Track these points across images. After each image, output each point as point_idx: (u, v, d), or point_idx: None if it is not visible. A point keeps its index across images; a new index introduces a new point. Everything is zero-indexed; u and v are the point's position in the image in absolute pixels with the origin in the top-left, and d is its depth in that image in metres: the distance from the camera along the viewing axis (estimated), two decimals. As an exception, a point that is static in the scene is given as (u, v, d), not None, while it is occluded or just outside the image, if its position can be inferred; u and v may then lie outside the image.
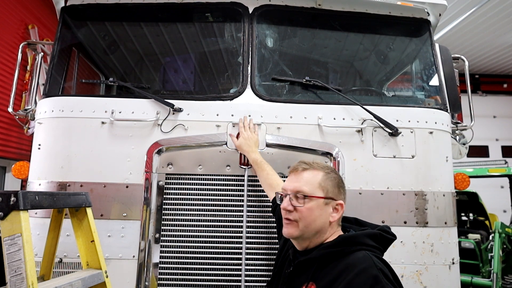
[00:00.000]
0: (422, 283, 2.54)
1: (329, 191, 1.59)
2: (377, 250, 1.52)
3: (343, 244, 1.50)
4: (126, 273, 2.45)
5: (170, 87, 3.65)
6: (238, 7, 2.90)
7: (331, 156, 2.61)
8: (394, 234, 1.62)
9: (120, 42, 3.39)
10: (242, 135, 2.51)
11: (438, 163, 2.74)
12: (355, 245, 1.49)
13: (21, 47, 3.16)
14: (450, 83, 3.06)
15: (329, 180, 1.60)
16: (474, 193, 6.80)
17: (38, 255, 2.25)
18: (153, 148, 2.57)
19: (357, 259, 1.43)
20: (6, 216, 1.57)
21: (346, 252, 1.47)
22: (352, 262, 1.41)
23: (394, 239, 1.61)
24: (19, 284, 1.52)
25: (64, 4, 2.99)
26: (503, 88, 12.92)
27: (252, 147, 2.46)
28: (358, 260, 1.42)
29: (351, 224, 1.70)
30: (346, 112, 2.72)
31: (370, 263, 1.39)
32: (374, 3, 2.99)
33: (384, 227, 1.63)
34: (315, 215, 1.55)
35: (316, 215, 1.55)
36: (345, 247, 1.49)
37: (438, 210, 2.65)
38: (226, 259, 2.47)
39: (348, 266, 1.40)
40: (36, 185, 2.59)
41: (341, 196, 1.63)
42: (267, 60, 2.95)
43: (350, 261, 1.42)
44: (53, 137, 2.65)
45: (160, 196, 2.52)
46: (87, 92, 3.65)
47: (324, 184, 1.59)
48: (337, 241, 1.52)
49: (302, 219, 1.56)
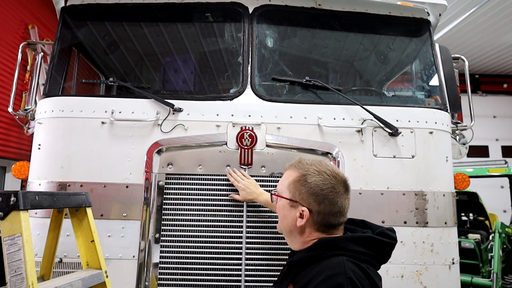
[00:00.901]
0: (422, 283, 2.54)
1: (297, 194, 1.51)
2: (363, 256, 1.41)
3: (321, 248, 1.44)
4: (126, 273, 2.45)
5: (170, 87, 3.65)
6: (238, 7, 2.90)
7: (331, 156, 2.61)
8: (394, 237, 1.51)
9: (120, 42, 3.39)
10: (239, 188, 2.45)
11: (438, 163, 2.74)
12: (333, 249, 1.41)
13: (21, 47, 3.16)
14: (450, 83, 3.06)
15: (301, 184, 1.51)
16: (474, 193, 6.80)
17: (38, 255, 2.25)
18: (153, 148, 2.57)
19: (329, 264, 1.36)
20: (6, 216, 1.58)
21: (323, 256, 1.41)
22: (323, 268, 1.35)
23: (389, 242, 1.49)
24: (19, 284, 1.52)
25: (64, 4, 2.99)
26: (503, 88, 12.92)
27: (256, 192, 2.42)
28: (329, 266, 1.35)
29: (356, 226, 1.62)
30: (346, 112, 2.72)
31: (339, 270, 1.31)
32: (374, 3, 2.99)
33: (385, 229, 1.54)
34: (282, 214, 1.58)
35: (284, 214, 1.57)
36: (323, 251, 1.42)
37: (438, 210, 2.65)
38: (226, 259, 2.47)
39: (319, 272, 1.34)
40: (36, 185, 2.59)
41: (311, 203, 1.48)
42: (267, 60, 2.95)
43: (322, 267, 1.36)
44: (53, 137, 2.65)
45: (160, 196, 2.52)
46: (87, 92, 3.65)
47: (293, 186, 1.53)
48: (316, 244, 1.46)
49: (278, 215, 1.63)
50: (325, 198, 1.47)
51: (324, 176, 1.50)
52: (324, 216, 1.48)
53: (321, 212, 1.48)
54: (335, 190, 1.49)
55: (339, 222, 1.51)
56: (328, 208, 1.47)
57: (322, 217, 1.48)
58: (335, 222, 1.50)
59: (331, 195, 1.48)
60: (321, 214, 1.48)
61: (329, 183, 1.49)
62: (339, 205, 1.49)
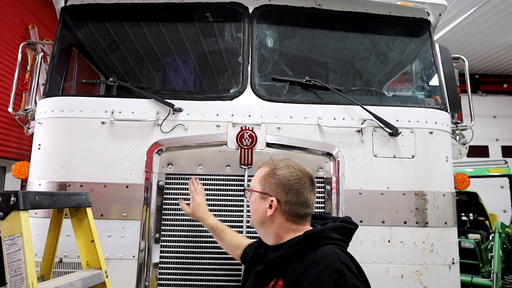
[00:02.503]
0: (422, 283, 2.54)
1: (266, 186, 1.67)
2: (342, 242, 1.59)
3: (308, 240, 1.55)
4: (126, 273, 2.45)
5: (170, 87, 3.65)
6: (238, 7, 2.90)
7: (331, 156, 2.61)
8: (356, 224, 1.71)
9: (120, 42, 3.39)
10: (194, 201, 2.32)
11: (438, 163, 2.74)
12: (320, 240, 1.55)
13: (21, 47, 3.16)
14: (450, 83, 3.06)
15: (270, 177, 1.67)
16: (474, 193, 6.80)
17: (38, 255, 2.25)
18: (153, 148, 2.57)
19: (322, 254, 1.49)
20: (6, 216, 1.57)
21: (312, 248, 1.52)
22: (318, 258, 1.47)
23: (355, 228, 1.70)
24: (19, 284, 1.52)
25: (64, 4, 2.99)
26: (503, 88, 12.92)
27: (206, 212, 2.32)
28: (324, 255, 1.48)
29: (315, 220, 1.76)
30: (346, 112, 2.72)
31: (335, 257, 1.45)
32: (374, 3, 2.99)
33: (346, 218, 1.73)
34: (254, 207, 1.72)
35: (255, 207, 1.71)
36: (311, 243, 1.54)
37: (438, 210, 2.65)
38: (226, 259, 2.47)
39: (314, 262, 1.46)
40: (36, 185, 2.59)
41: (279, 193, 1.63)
42: (267, 60, 2.95)
43: (315, 257, 1.48)
44: (53, 137, 2.65)
45: (160, 196, 2.52)
46: (87, 92, 3.65)
47: (264, 180, 1.69)
48: (303, 237, 1.57)
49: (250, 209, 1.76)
50: (291, 189, 1.63)
51: (291, 169, 1.67)
52: (291, 206, 1.62)
53: (288, 202, 1.63)
54: (301, 182, 1.64)
55: (305, 212, 1.66)
56: (294, 198, 1.63)
57: (290, 207, 1.62)
58: (302, 212, 1.64)
59: (297, 186, 1.63)
60: (288, 203, 1.62)
61: (295, 175, 1.65)
62: (305, 196, 1.64)
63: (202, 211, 2.31)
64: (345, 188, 2.59)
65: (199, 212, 2.30)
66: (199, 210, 2.31)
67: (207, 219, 2.29)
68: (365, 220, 2.57)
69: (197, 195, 2.35)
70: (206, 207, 2.35)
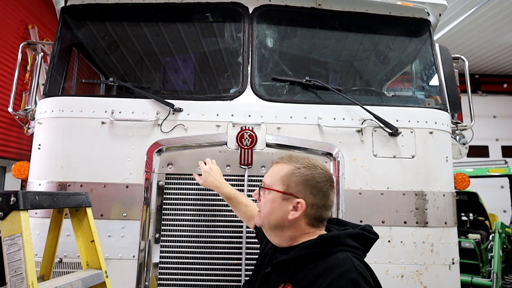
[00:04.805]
0: (422, 283, 2.54)
1: (291, 186, 1.51)
2: (359, 251, 1.46)
3: (323, 244, 1.43)
4: (126, 273, 2.45)
5: (170, 87, 3.65)
6: (238, 7, 2.90)
7: (331, 156, 2.61)
8: (376, 233, 1.57)
9: (120, 42, 3.39)
10: (204, 170, 2.33)
11: (438, 163, 2.74)
12: (335, 245, 1.42)
13: (21, 47, 3.16)
14: (450, 83, 3.06)
15: (294, 176, 1.52)
16: (474, 193, 6.80)
17: (38, 255, 2.25)
18: (153, 148, 2.57)
19: (337, 261, 1.36)
20: (6, 216, 1.57)
21: (326, 253, 1.40)
22: (332, 265, 1.35)
23: (376, 239, 1.56)
24: (19, 284, 1.52)
25: (64, 4, 2.99)
26: (503, 88, 12.92)
27: (220, 180, 2.28)
28: (338, 262, 1.35)
29: (332, 224, 1.64)
30: (346, 112, 2.72)
31: (350, 266, 1.33)
32: (374, 3, 2.99)
33: (366, 226, 1.59)
34: (271, 208, 1.55)
35: (272, 208, 1.54)
36: (325, 248, 1.41)
37: (438, 210, 2.65)
38: (226, 259, 2.47)
39: (328, 268, 1.34)
40: (36, 185, 2.59)
41: (307, 195, 1.49)
42: (267, 60, 2.95)
43: (329, 263, 1.36)
44: (53, 137, 2.65)
45: (160, 196, 2.52)
46: (87, 92, 3.65)
47: (287, 179, 1.53)
48: (317, 241, 1.45)
49: (262, 209, 1.59)
50: (320, 191, 1.50)
51: (318, 170, 1.54)
52: (317, 209, 1.50)
53: (315, 205, 1.50)
54: (329, 184, 1.54)
55: (327, 216, 1.55)
56: (322, 201, 1.50)
57: (316, 210, 1.50)
58: (325, 215, 1.53)
59: (325, 188, 1.52)
60: (315, 206, 1.50)
61: (324, 176, 1.53)
62: (331, 199, 1.54)
63: (212, 182, 2.27)
64: (345, 188, 2.59)
65: (212, 182, 2.27)
66: (211, 180, 2.28)
67: (221, 188, 2.24)
68: (365, 220, 2.56)
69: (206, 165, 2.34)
70: (220, 175, 2.31)
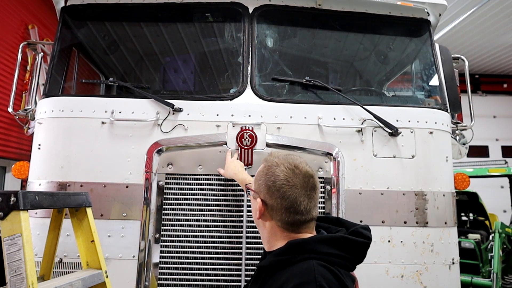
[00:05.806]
0: (422, 283, 2.54)
1: (257, 185, 1.48)
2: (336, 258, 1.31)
3: (290, 251, 1.32)
4: (126, 273, 2.45)
5: (170, 87, 3.65)
6: (238, 7, 2.90)
7: (331, 156, 2.61)
8: (368, 237, 1.41)
9: (120, 42, 3.39)
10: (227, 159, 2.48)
11: (438, 163, 2.74)
12: (304, 252, 1.30)
13: (21, 47, 3.16)
14: (450, 83, 3.06)
15: (261, 175, 1.47)
16: (474, 193, 6.81)
17: (38, 255, 2.25)
18: (153, 148, 2.57)
19: (298, 270, 1.25)
20: (6, 216, 1.57)
21: (293, 260, 1.30)
22: (291, 275, 1.25)
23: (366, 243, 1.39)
24: (19, 284, 1.52)
25: (64, 4, 2.99)
26: (503, 88, 12.93)
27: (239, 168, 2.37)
28: (299, 272, 1.24)
29: (331, 224, 1.53)
30: (346, 112, 2.72)
31: (309, 277, 1.21)
32: (374, 3, 2.99)
33: (359, 228, 1.44)
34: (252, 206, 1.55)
35: (252, 207, 1.55)
36: (293, 255, 1.31)
37: (438, 210, 2.65)
38: (226, 259, 2.47)
39: (288, 278, 1.24)
40: (36, 185, 2.59)
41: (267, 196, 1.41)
42: (267, 60, 2.95)
43: (291, 273, 1.26)
44: (53, 137, 2.65)
45: (160, 196, 2.52)
46: (87, 92, 3.65)
47: (258, 177, 1.49)
48: (285, 248, 1.35)
49: None
50: (275, 191, 1.39)
51: (281, 168, 1.41)
52: (277, 212, 1.39)
53: (274, 206, 1.39)
54: (289, 184, 1.37)
55: (296, 220, 1.38)
56: (279, 203, 1.38)
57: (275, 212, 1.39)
58: (290, 219, 1.38)
59: (283, 189, 1.37)
60: (274, 208, 1.39)
61: (283, 176, 1.39)
62: (293, 201, 1.36)
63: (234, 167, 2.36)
64: (345, 188, 2.59)
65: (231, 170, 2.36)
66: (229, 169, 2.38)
67: (238, 174, 2.32)
68: (365, 220, 2.56)
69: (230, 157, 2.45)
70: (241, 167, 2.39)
